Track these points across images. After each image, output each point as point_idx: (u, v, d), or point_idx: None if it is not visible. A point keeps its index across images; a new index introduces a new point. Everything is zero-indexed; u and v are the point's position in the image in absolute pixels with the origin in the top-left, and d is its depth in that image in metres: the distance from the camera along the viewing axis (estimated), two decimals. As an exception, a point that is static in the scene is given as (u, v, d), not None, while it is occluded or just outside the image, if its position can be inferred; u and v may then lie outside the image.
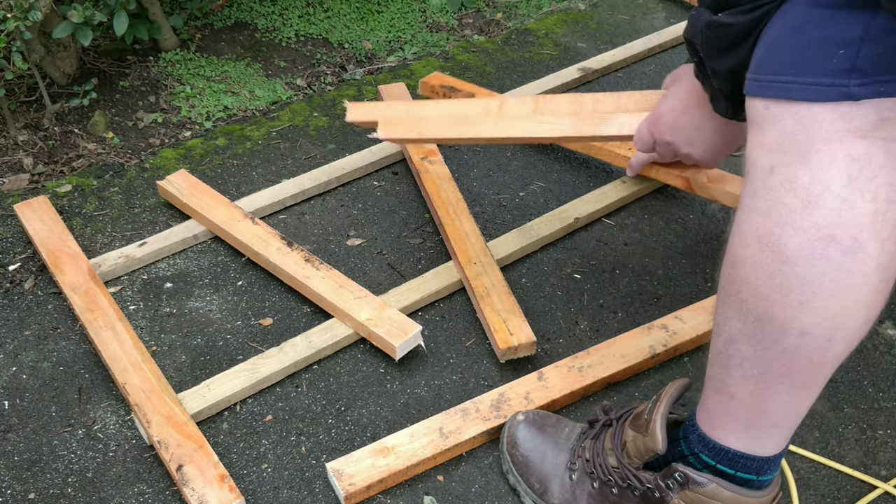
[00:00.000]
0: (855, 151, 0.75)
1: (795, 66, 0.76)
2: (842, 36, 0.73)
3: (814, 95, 0.75)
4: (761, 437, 0.93)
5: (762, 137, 0.80)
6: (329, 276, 1.39)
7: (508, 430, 1.16)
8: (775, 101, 0.78)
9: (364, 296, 1.34)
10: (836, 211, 0.76)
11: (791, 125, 0.77)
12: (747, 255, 0.82)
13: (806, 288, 0.79)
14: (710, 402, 0.95)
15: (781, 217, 0.78)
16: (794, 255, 0.78)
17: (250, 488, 1.16)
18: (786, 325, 0.82)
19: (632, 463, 1.02)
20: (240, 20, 2.17)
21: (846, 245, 0.76)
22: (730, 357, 0.89)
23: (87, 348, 1.34)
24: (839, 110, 0.74)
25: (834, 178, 0.75)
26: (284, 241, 1.45)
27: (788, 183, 0.77)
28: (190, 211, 1.55)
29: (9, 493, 1.15)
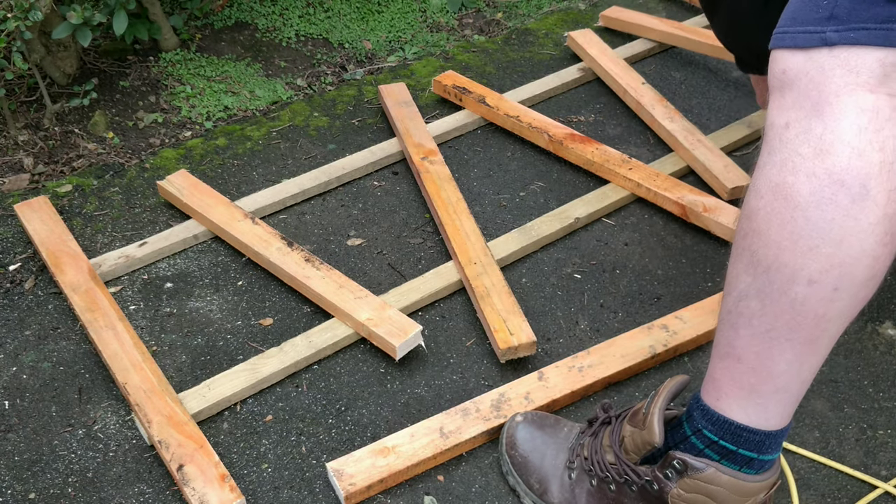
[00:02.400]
0: (863, 103, 0.80)
1: (792, 17, 0.84)
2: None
3: (799, 41, 0.82)
4: (766, 405, 0.93)
5: (781, 100, 0.85)
6: (329, 276, 1.39)
7: (507, 431, 1.16)
8: (790, 61, 0.84)
9: (364, 296, 1.34)
10: (846, 157, 0.80)
11: (804, 83, 0.82)
12: (760, 206, 0.86)
13: (815, 233, 0.82)
14: (715, 370, 0.96)
15: (795, 165, 0.83)
16: (805, 201, 0.82)
17: (251, 488, 1.16)
18: (795, 273, 0.84)
19: (629, 458, 1.02)
20: (240, 20, 2.17)
21: (854, 191, 0.80)
22: (739, 315, 0.91)
23: (88, 348, 1.34)
24: (847, 64, 0.80)
25: (845, 128, 0.80)
26: (285, 240, 1.45)
27: (804, 134, 0.82)
28: (190, 211, 1.55)
29: (9, 493, 1.15)
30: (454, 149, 1.76)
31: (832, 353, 1.34)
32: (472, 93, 1.82)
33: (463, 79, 1.87)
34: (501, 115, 1.77)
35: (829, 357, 1.33)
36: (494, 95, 1.82)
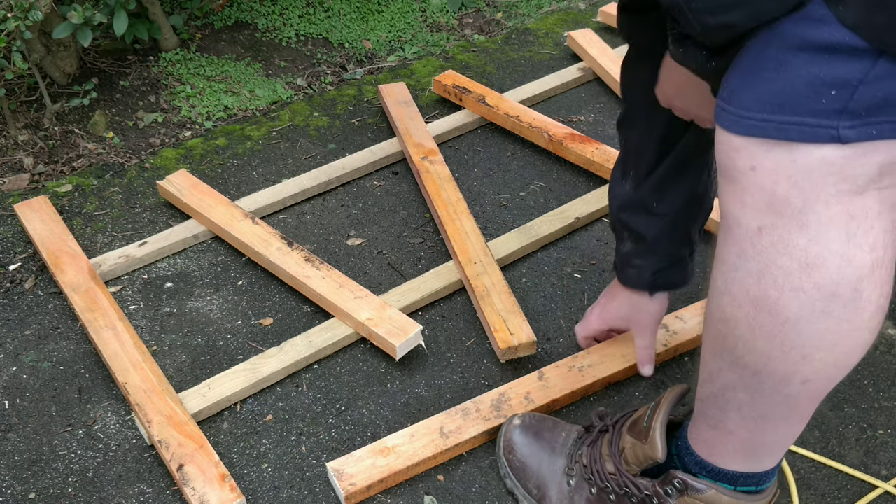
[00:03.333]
0: (853, 209, 0.72)
1: (776, 103, 0.70)
2: (835, 76, 0.67)
3: (795, 136, 0.69)
4: (760, 460, 0.93)
5: (745, 197, 0.75)
6: (329, 275, 1.39)
7: (504, 434, 1.16)
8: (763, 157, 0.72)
9: (364, 295, 1.34)
10: (836, 268, 0.73)
11: (785, 188, 0.72)
12: (740, 316, 0.80)
13: (808, 344, 0.77)
14: (705, 434, 0.95)
15: (777, 280, 0.75)
16: (795, 316, 0.76)
17: (251, 488, 1.16)
18: (788, 378, 0.81)
19: (629, 470, 1.01)
20: (240, 20, 2.17)
21: (847, 298, 0.75)
22: (726, 402, 0.88)
23: (88, 348, 1.34)
24: (843, 171, 0.70)
25: (833, 238, 0.73)
26: (285, 240, 1.45)
27: (782, 245, 0.74)
28: (190, 211, 1.55)
29: (9, 493, 1.15)
30: (454, 149, 1.76)
31: (832, 352, 1.34)
32: (472, 92, 1.82)
33: (463, 78, 1.87)
34: (501, 114, 1.77)
35: (829, 357, 1.33)
36: (494, 95, 1.82)
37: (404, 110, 1.78)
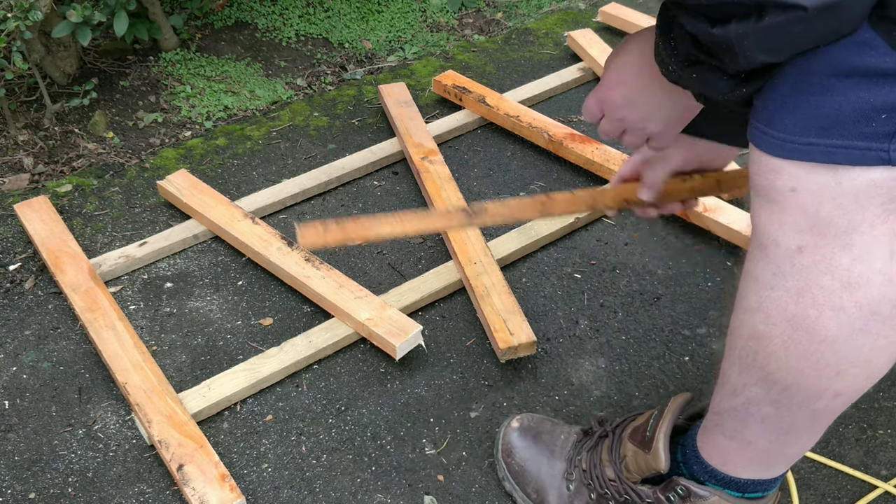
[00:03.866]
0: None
1: (821, 127, 0.69)
2: (885, 100, 0.66)
3: (843, 159, 0.69)
4: (774, 467, 0.93)
5: (784, 217, 0.74)
6: (329, 275, 1.39)
7: (503, 437, 1.16)
8: (805, 179, 0.71)
9: (364, 295, 1.34)
10: (878, 288, 0.73)
11: (829, 209, 0.71)
12: (774, 334, 0.79)
13: (843, 361, 0.77)
14: (721, 444, 0.93)
15: (817, 299, 0.75)
16: (833, 335, 0.76)
17: (251, 488, 1.16)
18: (819, 393, 0.80)
19: (630, 477, 1.01)
20: (240, 20, 2.17)
21: (886, 315, 0.74)
22: (749, 415, 0.87)
23: (88, 348, 1.34)
24: (891, 193, 0.69)
25: (876, 257, 0.72)
26: (285, 240, 1.45)
27: (824, 265, 0.74)
28: (190, 211, 1.54)
29: (9, 493, 1.15)
30: (454, 149, 1.76)
31: (832, 352, 1.34)
32: (472, 92, 1.82)
33: (463, 78, 1.87)
34: (501, 114, 1.77)
35: (829, 357, 1.33)
36: (494, 95, 1.82)
37: (404, 110, 1.78)
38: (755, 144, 0.75)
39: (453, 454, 1.20)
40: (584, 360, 1.33)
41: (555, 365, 1.32)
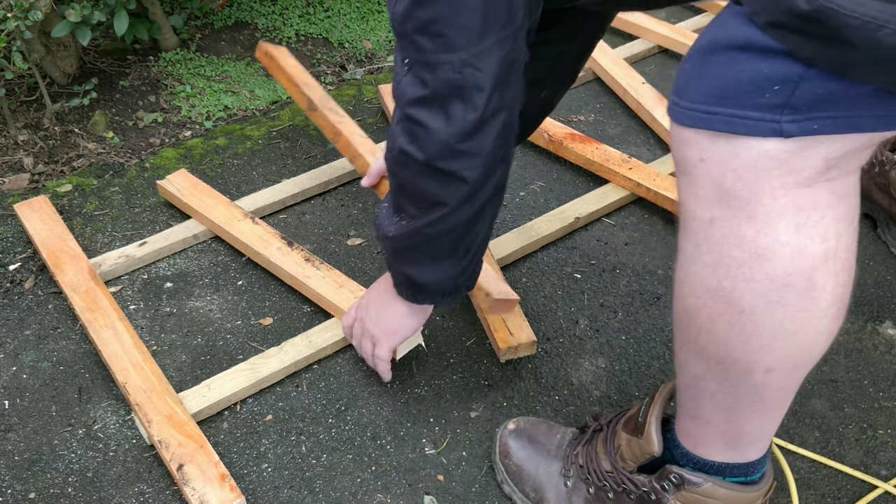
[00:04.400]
0: (801, 201, 0.73)
1: (721, 96, 0.72)
2: (777, 72, 0.69)
3: (740, 129, 0.71)
4: (743, 450, 0.94)
5: (696, 189, 0.77)
6: (329, 275, 1.38)
7: (500, 439, 1.16)
8: (711, 149, 0.74)
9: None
10: (787, 259, 0.75)
11: (731, 181, 0.74)
12: (699, 306, 0.81)
13: (766, 333, 0.79)
14: (687, 425, 0.96)
15: (730, 270, 0.77)
16: (749, 306, 0.77)
17: (251, 488, 1.16)
18: (751, 367, 0.82)
19: (626, 466, 1.02)
20: (240, 20, 2.17)
21: (801, 287, 0.76)
22: (699, 391, 0.90)
23: (88, 348, 1.34)
24: (787, 164, 0.72)
25: (782, 229, 0.74)
26: (285, 240, 1.45)
27: (733, 236, 0.76)
28: (190, 211, 1.54)
29: (9, 493, 1.15)
30: (454, 148, 1.76)
31: (832, 353, 1.34)
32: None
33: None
34: (501, 114, 1.77)
35: (829, 357, 1.33)
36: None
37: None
38: (670, 116, 0.78)
39: (453, 454, 1.20)
40: (584, 360, 1.33)
41: (555, 365, 1.32)
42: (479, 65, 0.85)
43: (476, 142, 0.90)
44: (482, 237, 1.03)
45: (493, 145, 0.91)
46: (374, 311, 1.18)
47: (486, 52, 0.85)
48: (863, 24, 0.62)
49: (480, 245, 1.04)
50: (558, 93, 1.27)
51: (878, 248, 1.52)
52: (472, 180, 0.93)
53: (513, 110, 0.92)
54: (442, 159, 0.91)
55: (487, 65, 0.85)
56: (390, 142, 0.97)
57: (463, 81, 0.86)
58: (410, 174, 0.96)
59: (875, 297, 1.43)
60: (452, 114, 0.88)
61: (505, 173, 0.98)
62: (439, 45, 0.84)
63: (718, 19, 0.74)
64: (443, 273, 1.05)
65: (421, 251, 1.03)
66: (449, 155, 0.91)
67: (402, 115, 0.93)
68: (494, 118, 0.89)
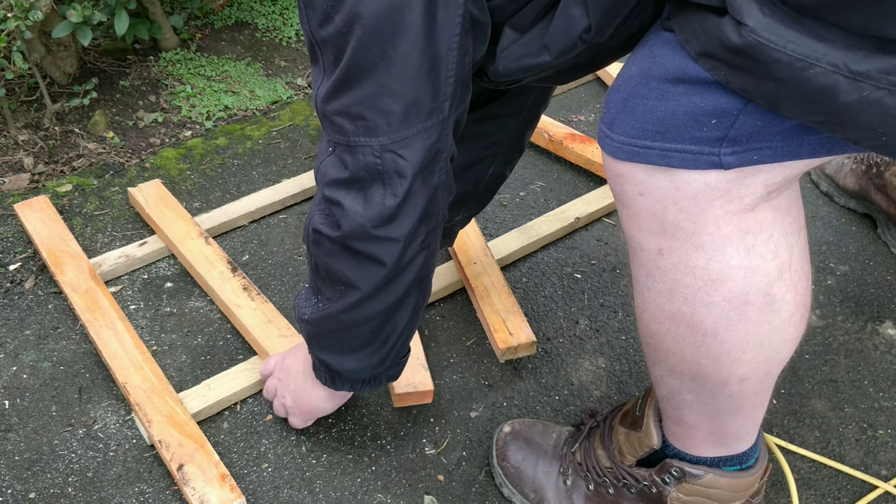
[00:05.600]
0: (746, 225, 0.74)
1: (657, 131, 0.71)
2: (715, 105, 0.68)
3: (678, 162, 0.71)
4: (732, 446, 0.95)
5: (639, 221, 0.77)
6: (262, 308, 1.33)
7: (496, 443, 1.16)
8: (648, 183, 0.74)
9: (290, 335, 1.29)
10: (742, 280, 0.75)
11: (673, 213, 0.74)
12: (663, 331, 0.82)
13: (734, 349, 0.79)
14: (673, 430, 0.97)
15: (686, 297, 0.77)
16: (712, 328, 0.78)
17: (251, 488, 1.16)
18: (724, 380, 0.83)
19: (625, 461, 1.02)
20: (240, 20, 2.17)
21: (760, 303, 0.76)
22: (678, 402, 0.91)
23: (88, 348, 1.34)
24: (728, 194, 0.72)
25: (731, 254, 0.74)
26: (230, 265, 1.41)
27: (683, 265, 0.76)
28: (151, 223, 1.52)
29: (9, 493, 1.15)
30: (454, 148, 1.76)
31: (832, 353, 1.34)
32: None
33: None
34: (501, 114, 1.77)
35: (829, 357, 1.33)
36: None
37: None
38: (601, 147, 0.77)
39: (453, 454, 1.20)
40: (584, 360, 1.33)
41: (555, 365, 1.32)
42: (400, 151, 0.83)
43: (393, 228, 0.87)
44: (403, 327, 0.98)
45: (412, 232, 0.88)
46: (293, 384, 1.14)
47: (409, 140, 0.82)
48: (793, 62, 0.61)
49: (402, 336, 0.99)
50: (509, 164, 1.21)
51: (879, 248, 1.52)
52: (389, 264, 0.89)
53: (435, 199, 0.88)
54: (357, 240, 0.89)
55: (410, 153, 0.83)
56: (307, 220, 0.94)
57: (383, 167, 0.84)
58: (324, 253, 0.93)
59: (875, 297, 1.43)
60: (371, 198, 0.86)
61: (427, 263, 0.94)
62: (360, 128, 0.82)
63: (648, 47, 0.73)
64: (360, 362, 1.01)
65: (336, 338, 0.99)
66: (364, 237, 0.88)
67: (321, 197, 0.90)
68: (414, 205, 0.86)
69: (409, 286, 0.93)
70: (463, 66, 0.81)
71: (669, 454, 1.00)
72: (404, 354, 1.05)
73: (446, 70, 0.80)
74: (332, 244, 0.91)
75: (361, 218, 0.86)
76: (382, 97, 0.80)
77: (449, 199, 0.93)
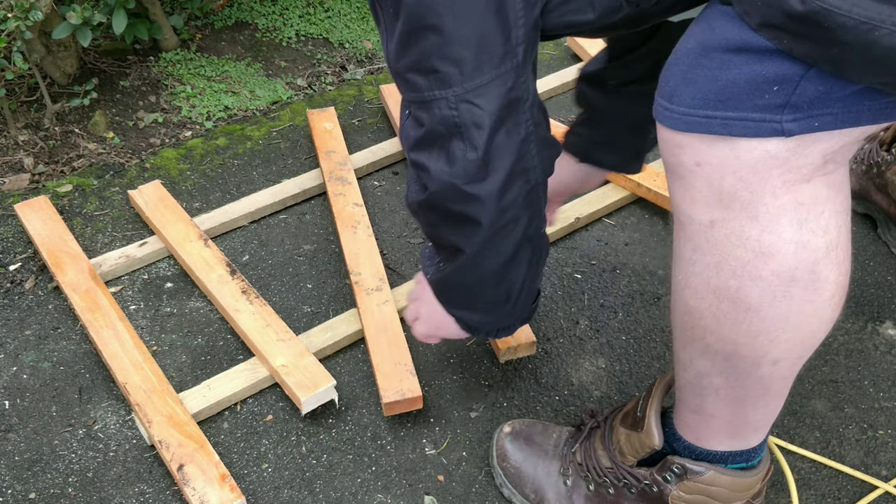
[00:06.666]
0: (801, 197, 0.74)
1: (718, 100, 0.71)
2: (776, 72, 0.69)
3: (739, 131, 0.71)
4: (746, 438, 0.95)
5: (693, 193, 0.77)
6: (260, 312, 1.33)
7: (496, 443, 1.16)
8: (707, 153, 0.74)
9: (288, 339, 1.29)
10: (791, 255, 0.75)
11: (731, 183, 0.74)
12: (704, 307, 0.82)
13: (774, 327, 0.79)
14: (688, 419, 0.96)
15: (735, 270, 0.77)
16: (757, 303, 0.78)
17: (251, 488, 1.16)
18: (758, 361, 0.83)
19: (626, 461, 1.02)
20: (240, 20, 2.17)
21: (806, 281, 0.77)
22: (703, 388, 0.90)
23: (88, 348, 1.34)
24: (787, 163, 0.72)
25: (784, 226, 0.75)
26: (228, 268, 1.41)
27: (735, 237, 0.76)
28: (151, 225, 1.52)
29: (9, 493, 1.15)
30: (454, 149, 1.76)
31: (832, 353, 1.34)
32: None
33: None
34: (502, 115, 1.77)
35: (829, 357, 1.33)
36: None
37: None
38: (659, 121, 0.77)
39: (453, 454, 1.20)
40: (584, 360, 1.33)
41: (555, 365, 1.32)
42: (476, 100, 0.82)
43: (483, 184, 0.86)
44: (522, 282, 0.98)
45: (503, 189, 0.87)
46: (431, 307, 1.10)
47: (483, 88, 0.81)
48: (858, 25, 0.62)
49: (523, 289, 0.99)
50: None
51: (879, 248, 1.52)
52: (484, 222, 0.89)
53: (527, 154, 0.87)
54: (448, 200, 0.88)
55: (486, 101, 0.82)
56: (405, 194, 0.97)
57: (460, 118, 0.83)
58: (424, 221, 0.95)
59: (875, 297, 1.43)
60: (453, 154, 0.85)
61: (533, 220, 0.92)
62: (433, 81, 0.81)
63: (706, 20, 0.73)
64: (486, 316, 1.03)
65: (460, 297, 1.02)
66: (455, 196, 0.87)
67: (410, 163, 0.91)
68: (501, 160, 0.85)
69: (517, 244, 0.93)
70: (531, 6, 0.80)
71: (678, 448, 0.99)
72: (533, 301, 1.06)
73: (514, 10, 0.79)
74: (427, 210, 0.92)
75: (448, 176, 0.86)
76: (451, 44, 0.79)
77: (553, 153, 0.91)
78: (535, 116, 0.87)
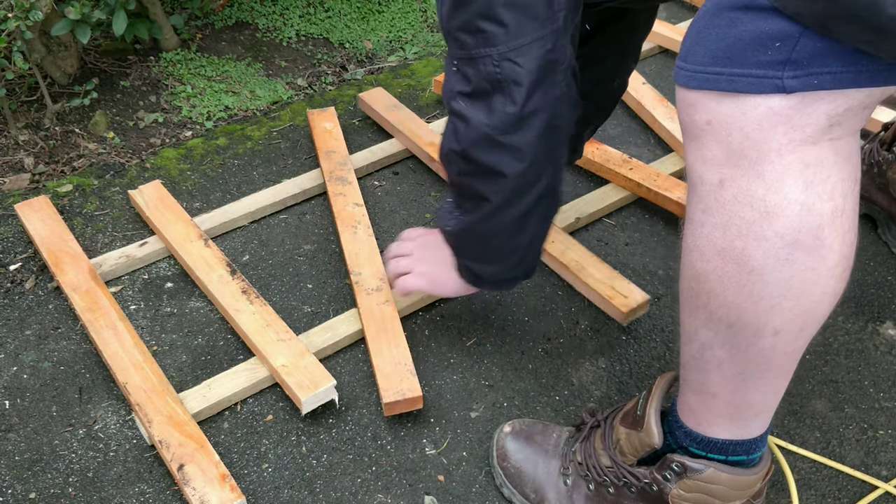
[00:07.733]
0: (807, 158, 0.75)
1: (725, 56, 0.74)
2: (778, 28, 0.71)
3: (744, 87, 0.74)
4: (748, 425, 0.95)
5: (704, 152, 0.79)
6: (261, 312, 1.33)
7: (497, 443, 1.16)
8: (717, 111, 0.76)
9: (288, 339, 1.28)
10: (796, 217, 0.76)
11: (738, 140, 0.76)
12: (709, 269, 0.83)
13: (775, 292, 0.80)
14: (691, 401, 0.96)
15: (741, 229, 0.79)
16: (760, 265, 0.79)
17: (251, 488, 1.16)
18: (760, 329, 0.83)
19: (626, 460, 1.02)
20: (240, 20, 2.17)
21: (809, 245, 0.78)
22: (706, 362, 0.90)
23: (88, 348, 1.34)
24: (791, 121, 0.74)
25: (790, 186, 0.76)
26: (229, 268, 1.40)
27: (743, 196, 0.78)
28: (151, 225, 1.52)
29: (9, 493, 1.15)
30: (454, 149, 1.76)
31: (832, 353, 1.34)
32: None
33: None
34: (502, 114, 1.77)
35: (829, 357, 1.33)
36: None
37: (401, 113, 1.76)
38: (676, 81, 0.80)
39: (453, 454, 1.20)
40: (584, 360, 1.33)
41: (555, 365, 1.32)
42: (517, 59, 0.90)
43: (518, 137, 0.94)
44: (534, 235, 1.08)
45: (536, 143, 0.96)
46: (431, 265, 1.22)
47: (525, 48, 0.90)
48: None
49: (534, 241, 1.10)
50: (627, 73, 1.34)
51: (879, 248, 1.52)
52: (511, 175, 0.97)
53: (559, 112, 0.95)
54: (482, 150, 0.96)
55: (526, 60, 0.90)
56: (441, 143, 1.04)
57: (502, 75, 0.91)
58: (455, 170, 1.01)
59: (875, 297, 1.43)
60: (493, 107, 0.93)
61: (554, 176, 1.02)
62: (480, 40, 0.90)
63: None
64: (498, 265, 1.12)
65: (477, 246, 1.11)
66: (489, 146, 0.96)
67: (449, 112, 0.99)
68: (535, 115, 0.94)
69: (538, 197, 1.02)
70: None
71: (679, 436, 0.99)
72: (537, 255, 1.14)
73: None
74: (460, 158, 1.00)
75: (485, 126, 0.94)
76: (498, 7, 0.88)
77: (575, 113, 0.99)
78: (568, 79, 0.95)
